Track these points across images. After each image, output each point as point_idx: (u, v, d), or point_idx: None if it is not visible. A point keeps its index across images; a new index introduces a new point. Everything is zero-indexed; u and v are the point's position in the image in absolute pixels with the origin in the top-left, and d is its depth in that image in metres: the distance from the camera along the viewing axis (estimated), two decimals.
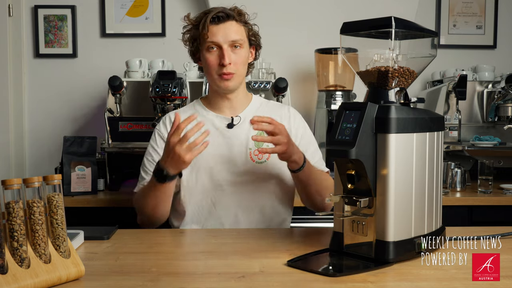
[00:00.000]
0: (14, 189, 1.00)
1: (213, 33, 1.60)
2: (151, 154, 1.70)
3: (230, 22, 1.62)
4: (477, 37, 3.08)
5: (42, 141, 3.00)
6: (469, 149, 2.51)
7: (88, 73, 2.99)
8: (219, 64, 1.61)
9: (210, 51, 1.62)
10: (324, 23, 2.85)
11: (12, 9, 2.92)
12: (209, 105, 1.73)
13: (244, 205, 1.65)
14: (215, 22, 1.61)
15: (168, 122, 1.72)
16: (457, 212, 2.28)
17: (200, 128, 1.46)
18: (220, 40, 1.60)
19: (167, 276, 1.10)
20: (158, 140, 1.71)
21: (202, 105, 1.74)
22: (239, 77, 1.65)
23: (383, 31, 1.22)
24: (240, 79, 1.66)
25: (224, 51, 1.60)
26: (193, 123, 1.45)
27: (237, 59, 1.62)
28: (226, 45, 1.60)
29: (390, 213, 1.15)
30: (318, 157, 1.74)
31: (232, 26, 1.62)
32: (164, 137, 1.69)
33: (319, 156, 1.75)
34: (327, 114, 2.54)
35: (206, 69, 1.66)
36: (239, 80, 1.66)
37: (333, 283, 1.04)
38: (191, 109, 1.76)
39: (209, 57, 1.62)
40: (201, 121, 1.48)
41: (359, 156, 1.13)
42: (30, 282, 0.99)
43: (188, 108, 1.78)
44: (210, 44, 1.61)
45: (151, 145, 1.72)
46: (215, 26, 1.61)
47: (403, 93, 1.24)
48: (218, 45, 1.61)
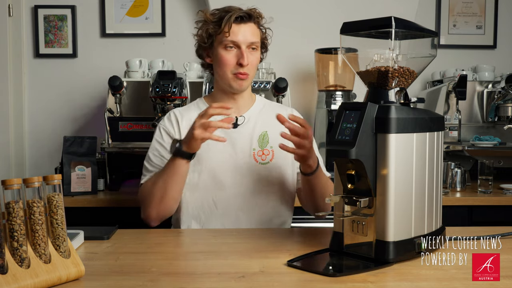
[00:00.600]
0: (14, 189, 1.00)
1: (234, 33, 1.61)
2: (157, 149, 1.69)
3: (250, 23, 1.64)
4: (477, 37, 3.08)
5: (42, 141, 3.00)
6: (469, 149, 2.52)
7: (88, 73, 2.99)
8: (236, 63, 1.62)
9: (227, 50, 1.63)
10: (324, 23, 2.85)
11: (12, 9, 2.92)
12: None
13: (246, 205, 1.65)
14: (237, 22, 1.62)
15: (173, 118, 1.71)
16: (457, 212, 2.28)
17: (228, 114, 1.48)
18: (240, 40, 1.61)
19: (167, 276, 1.10)
20: (164, 135, 1.70)
21: (206, 104, 1.73)
22: (251, 78, 1.67)
23: (383, 31, 1.22)
24: (251, 81, 1.69)
25: (243, 52, 1.61)
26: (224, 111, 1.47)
27: (253, 60, 1.64)
28: (244, 46, 1.62)
29: (390, 213, 1.15)
30: (319, 162, 1.74)
31: (252, 28, 1.64)
32: (169, 132, 1.69)
33: (320, 161, 1.75)
34: (327, 114, 2.54)
35: (220, 66, 1.65)
36: (251, 81, 1.69)
37: (333, 283, 1.04)
38: (194, 107, 1.75)
39: (226, 55, 1.63)
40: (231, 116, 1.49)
41: (359, 156, 1.13)
42: (30, 282, 0.99)
43: (191, 106, 1.77)
44: (229, 43, 1.62)
45: (156, 140, 1.70)
46: (236, 26, 1.62)
47: (403, 93, 1.24)
48: (237, 45, 1.62)
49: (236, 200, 1.65)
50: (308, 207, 1.72)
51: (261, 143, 1.66)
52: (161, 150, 1.68)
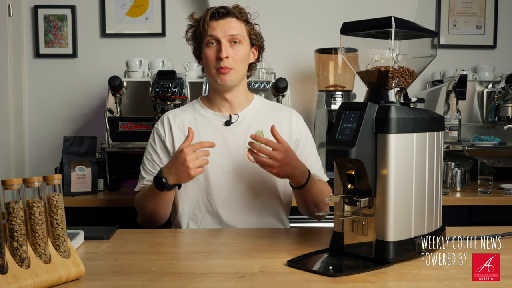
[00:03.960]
0: (14, 189, 1.00)
1: (212, 28, 1.62)
2: (150, 153, 1.72)
3: (230, 18, 1.64)
4: (477, 37, 3.08)
5: (42, 141, 3.00)
6: (469, 149, 2.52)
7: (88, 73, 2.99)
8: (216, 58, 1.62)
9: (209, 46, 1.63)
10: (324, 23, 2.85)
11: (12, 9, 2.92)
12: (209, 104, 1.73)
13: (240, 204, 1.65)
14: (215, 18, 1.63)
15: (165, 122, 1.72)
16: (457, 212, 2.28)
17: (212, 145, 1.51)
18: (219, 34, 1.61)
19: (167, 276, 1.10)
20: (157, 140, 1.71)
21: (201, 104, 1.74)
22: (237, 72, 1.64)
23: (383, 31, 1.22)
24: (238, 75, 1.65)
25: (222, 46, 1.61)
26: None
27: (235, 54, 1.63)
28: (224, 39, 1.62)
29: (390, 213, 1.15)
30: (318, 166, 1.74)
31: (232, 22, 1.63)
32: (160, 135, 1.70)
33: (319, 165, 1.75)
34: (327, 114, 2.54)
35: (206, 65, 1.66)
36: (237, 76, 1.65)
37: (333, 283, 1.05)
38: (190, 108, 1.76)
39: (208, 52, 1.63)
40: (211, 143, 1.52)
41: (359, 156, 1.13)
42: (30, 282, 0.99)
43: (187, 107, 1.78)
44: (209, 39, 1.63)
45: (150, 144, 1.73)
46: (215, 21, 1.63)
47: (403, 93, 1.24)
48: (217, 40, 1.62)
49: (230, 199, 1.65)
50: (302, 212, 1.73)
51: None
52: (153, 155, 1.71)
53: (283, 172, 1.50)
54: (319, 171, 1.73)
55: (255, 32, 1.71)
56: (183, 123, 1.70)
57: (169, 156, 1.69)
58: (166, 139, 1.69)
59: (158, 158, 1.69)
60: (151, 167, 1.69)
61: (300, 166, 1.54)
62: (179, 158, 1.47)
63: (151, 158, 1.70)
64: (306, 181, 1.56)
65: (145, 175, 1.70)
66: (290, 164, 1.49)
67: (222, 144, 1.65)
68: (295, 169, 1.52)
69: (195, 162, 1.47)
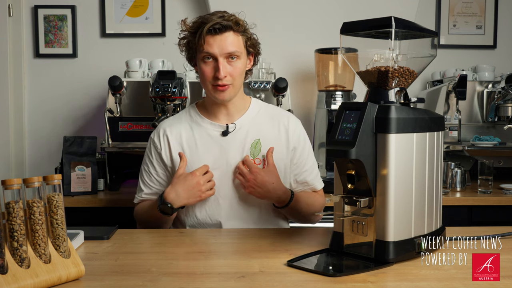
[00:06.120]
0: (14, 189, 1.00)
1: (209, 44, 1.56)
2: (147, 163, 1.72)
3: (227, 33, 1.57)
4: (477, 37, 3.08)
5: (42, 141, 3.00)
6: (469, 149, 2.52)
7: (88, 73, 2.99)
8: (213, 77, 1.58)
9: (205, 62, 1.59)
10: (324, 23, 2.85)
11: (12, 9, 2.92)
12: (205, 112, 1.70)
13: (240, 214, 1.64)
14: (211, 33, 1.56)
15: (162, 134, 1.68)
16: (457, 212, 2.28)
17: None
18: (216, 52, 1.56)
19: (167, 276, 1.10)
20: (153, 151, 1.70)
21: (198, 112, 1.71)
22: (234, 87, 1.62)
23: (383, 31, 1.22)
24: (236, 89, 1.63)
25: (219, 64, 1.56)
26: None
27: (233, 70, 1.59)
28: (222, 57, 1.57)
29: (390, 213, 1.15)
30: (314, 174, 1.74)
31: (229, 38, 1.57)
32: (158, 149, 1.68)
33: (315, 172, 1.74)
34: (327, 114, 2.54)
35: (202, 78, 1.63)
36: (235, 90, 1.63)
37: (333, 283, 1.05)
38: (186, 116, 1.72)
39: (205, 68, 1.60)
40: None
41: (359, 156, 1.13)
42: (30, 282, 0.99)
43: (183, 115, 1.73)
44: (205, 55, 1.58)
45: (147, 154, 1.72)
46: (211, 37, 1.56)
47: (403, 93, 1.24)
48: (214, 57, 1.57)
49: (229, 210, 1.64)
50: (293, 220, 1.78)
51: (252, 152, 1.64)
52: (150, 167, 1.70)
53: (256, 193, 1.58)
54: (314, 179, 1.73)
55: (252, 42, 1.65)
56: (180, 135, 1.67)
57: (165, 169, 1.68)
58: (162, 152, 1.67)
59: (154, 170, 1.69)
60: (149, 179, 1.70)
61: (277, 191, 1.59)
62: (190, 181, 1.54)
63: (148, 170, 1.70)
64: (287, 203, 1.62)
65: (144, 188, 1.70)
66: (262, 187, 1.57)
67: (220, 155, 1.64)
68: (269, 193, 1.58)
69: (207, 185, 1.57)
